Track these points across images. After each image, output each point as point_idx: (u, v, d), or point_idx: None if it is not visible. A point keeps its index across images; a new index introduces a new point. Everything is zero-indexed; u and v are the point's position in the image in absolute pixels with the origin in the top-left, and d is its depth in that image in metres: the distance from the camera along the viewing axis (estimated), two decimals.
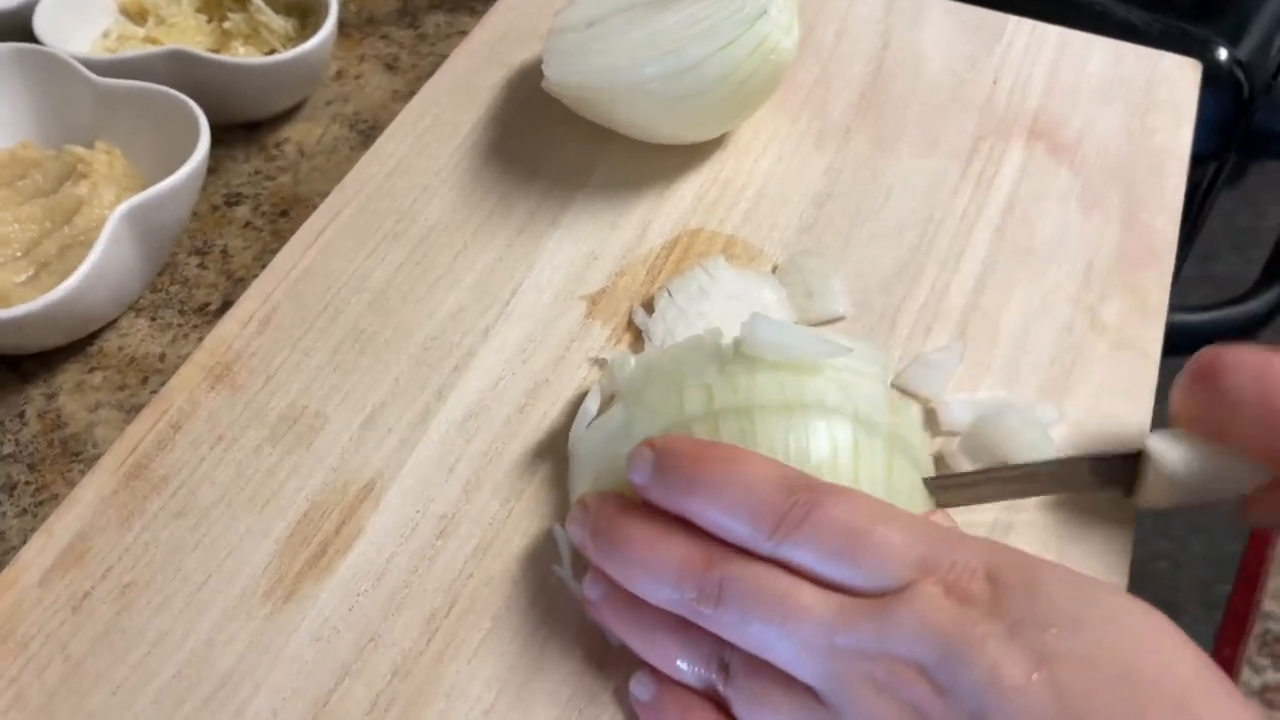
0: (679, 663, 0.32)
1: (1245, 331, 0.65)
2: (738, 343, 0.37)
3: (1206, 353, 0.35)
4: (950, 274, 0.46)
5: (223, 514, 0.39)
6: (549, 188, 0.49)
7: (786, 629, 0.30)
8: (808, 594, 0.30)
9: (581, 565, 0.37)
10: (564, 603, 0.37)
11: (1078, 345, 0.44)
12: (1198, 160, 0.51)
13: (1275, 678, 1.19)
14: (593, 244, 0.47)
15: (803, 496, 0.31)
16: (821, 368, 0.36)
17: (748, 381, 0.35)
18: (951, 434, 0.41)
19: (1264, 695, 1.18)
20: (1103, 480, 0.37)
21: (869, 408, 0.36)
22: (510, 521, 0.39)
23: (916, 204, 0.49)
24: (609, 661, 0.35)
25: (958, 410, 0.41)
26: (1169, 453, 0.35)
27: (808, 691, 0.30)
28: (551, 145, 0.51)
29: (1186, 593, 1.19)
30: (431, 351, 0.43)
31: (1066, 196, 0.49)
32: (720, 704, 0.32)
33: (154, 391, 0.44)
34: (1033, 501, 0.39)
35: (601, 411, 0.39)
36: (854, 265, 0.46)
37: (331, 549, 0.38)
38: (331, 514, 0.39)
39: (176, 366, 0.43)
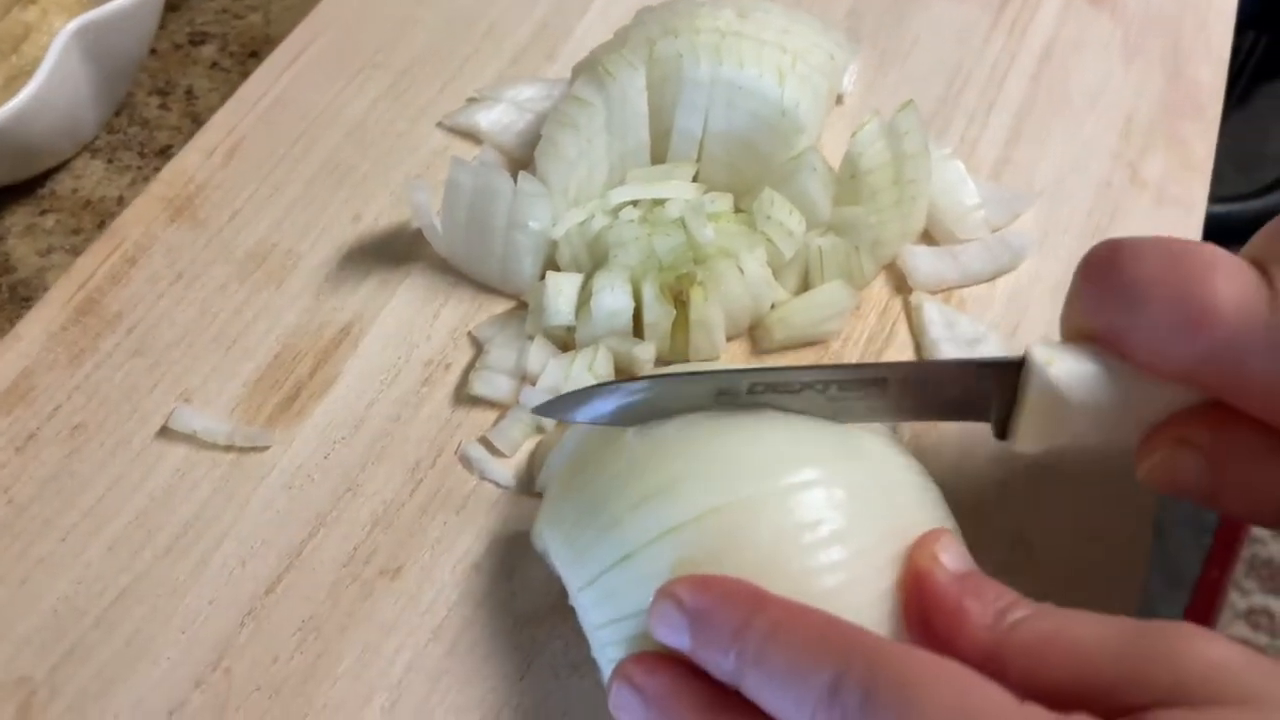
0: None
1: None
2: None
3: (1102, 245, 0.27)
4: (980, 127, 0.43)
5: (184, 354, 0.35)
6: (547, 16, 0.45)
7: None
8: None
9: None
10: None
11: (1116, 200, 0.40)
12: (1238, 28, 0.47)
13: (1262, 601, 1.19)
14: None
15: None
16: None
17: None
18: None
19: (1249, 618, 1.18)
20: (969, 400, 0.28)
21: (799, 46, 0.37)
22: None
23: (945, 52, 0.45)
24: None
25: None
26: (1056, 363, 0.25)
27: None
28: None
29: (1175, 515, 1.19)
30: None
31: (1107, 46, 0.45)
32: None
33: None
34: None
35: None
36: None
37: (305, 393, 0.35)
38: (305, 357, 0.36)
39: None
